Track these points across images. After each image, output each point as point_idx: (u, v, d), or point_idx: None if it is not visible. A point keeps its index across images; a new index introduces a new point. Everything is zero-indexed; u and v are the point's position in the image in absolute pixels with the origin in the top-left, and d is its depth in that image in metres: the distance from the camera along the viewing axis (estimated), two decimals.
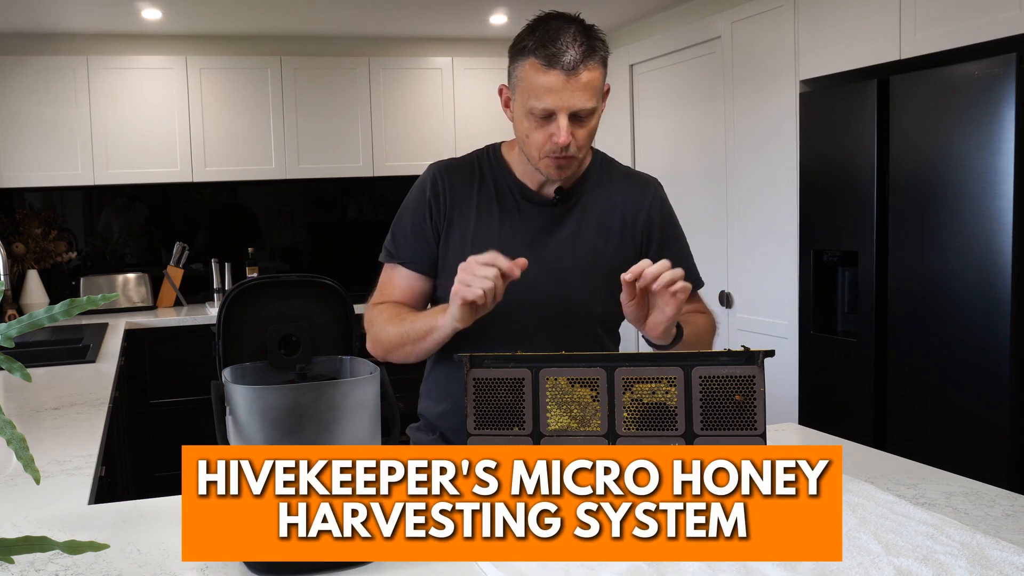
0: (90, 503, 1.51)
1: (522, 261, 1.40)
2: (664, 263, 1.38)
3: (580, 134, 1.51)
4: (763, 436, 1.27)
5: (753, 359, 1.27)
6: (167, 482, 4.10)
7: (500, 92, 1.61)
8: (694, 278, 1.69)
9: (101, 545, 0.92)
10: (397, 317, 1.60)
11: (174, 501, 1.39)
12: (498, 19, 4.46)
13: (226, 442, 1.06)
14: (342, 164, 4.71)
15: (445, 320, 1.46)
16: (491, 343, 1.54)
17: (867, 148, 2.95)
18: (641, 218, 1.66)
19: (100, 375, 2.81)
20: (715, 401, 1.28)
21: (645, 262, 1.38)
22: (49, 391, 2.53)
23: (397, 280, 1.66)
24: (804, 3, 3.28)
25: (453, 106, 4.84)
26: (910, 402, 2.86)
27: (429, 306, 1.70)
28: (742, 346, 1.32)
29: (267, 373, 1.18)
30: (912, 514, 1.23)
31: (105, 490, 2.09)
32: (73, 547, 0.90)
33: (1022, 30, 2.50)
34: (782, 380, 3.38)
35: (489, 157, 1.68)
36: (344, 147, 4.70)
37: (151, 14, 4.06)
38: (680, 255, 1.68)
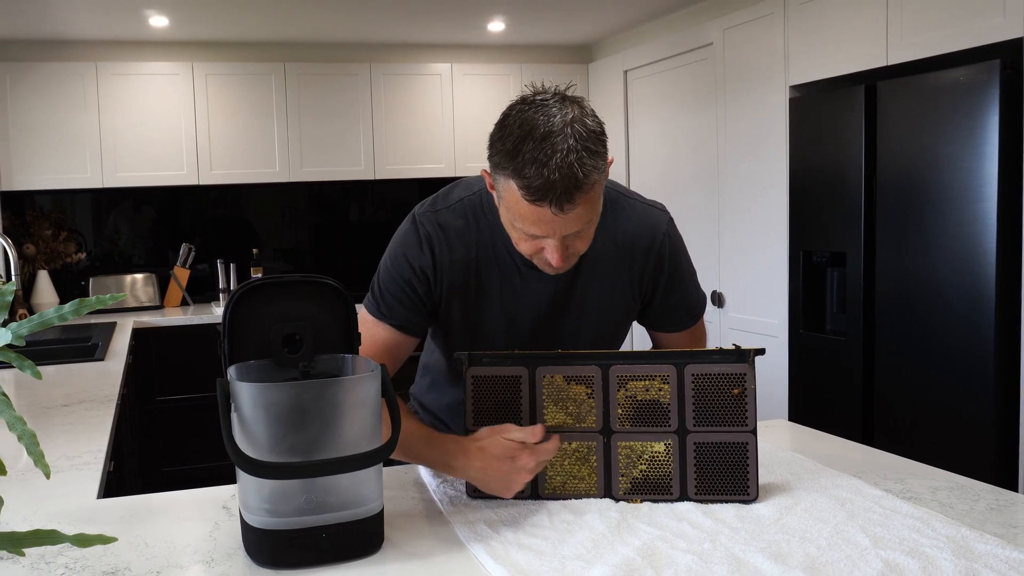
0: (99, 497, 1.51)
1: (551, 444, 1.31)
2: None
3: (578, 245, 1.32)
4: (754, 432, 1.29)
5: (744, 357, 1.30)
6: (174, 477, 4.15)
7: (483, 173, 1.35)
8: (697, 313, 1.61)
9: (110, 538, 0.91)
10: (409, 418, 1.37)
11: (181, 495, 1.42)
12: (496, 26, 4.51)
13: (231, 438, 1.07)
14: (344, 167, 4.74)
15: (450, 471, 1.36)
16: None
17: (855, 152, 2.98)
18: (649, 270, 1.51)
19: (108, 373, 2.81)
20: (707, 398, 1.30)
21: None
22: (59, 388, 2.54)
23: (381, 336, 1.46)
24: (794, 11, 3.31)
25: (452, 111, 4.88)
26: (897, 399, 2.89)
27: (428, 339, 1.64)
28: (733, 344, 1.35)
29: (271, 371, 1.18)
30: (899, 508, 1.24)
31: (113, 485, 2.08)
32: (82, 540, 0.89)
33: (1006, 37, 2.52)
34: (772, 378, 3.41)
35: (484, 209, 1.45)
36: (346, 151, 4.74)
37: (158, 21, 4.11)
38: (684, 295, 1.57)
